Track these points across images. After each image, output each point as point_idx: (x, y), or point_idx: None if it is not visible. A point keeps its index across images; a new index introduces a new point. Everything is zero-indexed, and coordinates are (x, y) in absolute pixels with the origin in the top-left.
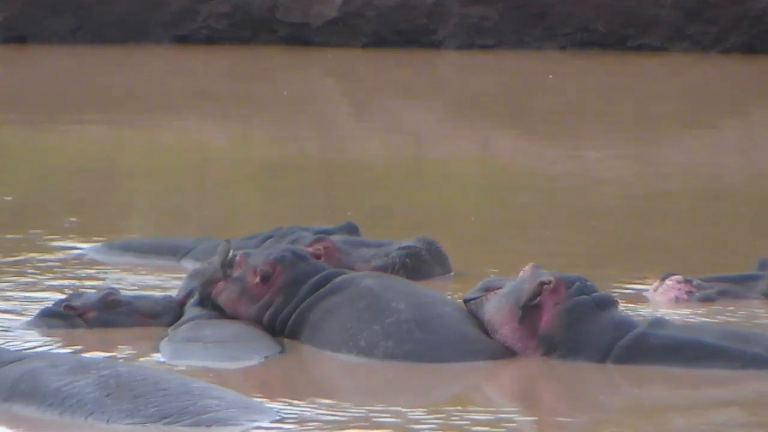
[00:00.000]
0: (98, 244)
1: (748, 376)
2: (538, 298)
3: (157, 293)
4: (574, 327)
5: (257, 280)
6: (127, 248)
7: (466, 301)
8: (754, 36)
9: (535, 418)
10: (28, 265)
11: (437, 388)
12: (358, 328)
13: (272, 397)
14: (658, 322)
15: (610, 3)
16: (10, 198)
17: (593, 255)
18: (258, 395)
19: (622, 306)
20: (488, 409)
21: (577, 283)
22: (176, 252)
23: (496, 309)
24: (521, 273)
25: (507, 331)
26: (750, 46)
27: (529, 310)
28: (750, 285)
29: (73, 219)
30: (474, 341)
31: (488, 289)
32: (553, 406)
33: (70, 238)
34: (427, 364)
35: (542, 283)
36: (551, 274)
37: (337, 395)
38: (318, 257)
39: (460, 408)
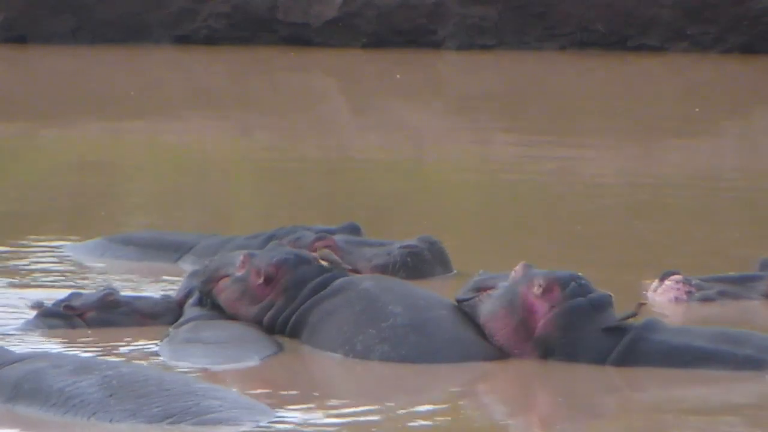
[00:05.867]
0: (97, 239)
1: (742, 377)
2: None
3: (156, 293)
4: (570, 332)
5: (260, 281)
6: (128, 242)
7: (458, 302)
8: (754, 36)
9: (531, 420)
10: (27, 264)
11: (435, 390)
12: (354, 331)
13: (272, 398)
14: (651, 325)
15: (610, 3)
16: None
17: (593, 254)
18: (258, 396)
19: (621, 307)
20: (485, 411)
21: (572, 284)
22: (177, 248)
23: (490, 314)
24: (513, 273)
25: (502, 337)
26: (750, 46)
27: (524, 314)
28: (750, 285)
29: (73, 218)
30: (470, 345)
31: (480, 289)
32: (549, 409)
33: (70, 238)
34: (423, 365)
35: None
36: (544, 274)
37: (337, 396)
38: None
39: (458, 410)
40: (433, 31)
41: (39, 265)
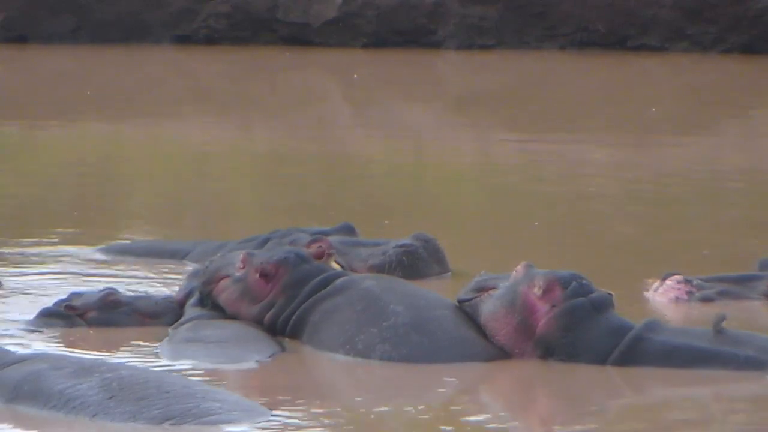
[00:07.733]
0: (98, 245)
1: (743, 378)
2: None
3: (157, 293)
4: (570, 331)
5: (260, 280)
6: (125, 251)
7: (460, 302)
8: (754, 36)
9: (531, 420)
10: (27, 264)
11: (436, 390)
12: (355, 331)
13: (272, 398)
14: (652, 325)
15: (610, 3)
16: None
17: (593, 254)
18: (258, 396)
19: (622, 307)
20: (485, 410)
21: (573, 283)
22: (174, 255)
23: (491, 314)
24: (514, 273)
25: (503, 337)
26: (750, 46)
27: (524, 314)
28: (750, 285)
29: (73, 219)
30: (471, 345)
31: (481, 289)
32: (549, 409)
33: (70, 239)
34: (424, 365)
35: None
36: (544, 274)
37: (337, 395)
38: (320, 256)
39: (458, 410)
40: (433, 31)
41: (39, 265)
